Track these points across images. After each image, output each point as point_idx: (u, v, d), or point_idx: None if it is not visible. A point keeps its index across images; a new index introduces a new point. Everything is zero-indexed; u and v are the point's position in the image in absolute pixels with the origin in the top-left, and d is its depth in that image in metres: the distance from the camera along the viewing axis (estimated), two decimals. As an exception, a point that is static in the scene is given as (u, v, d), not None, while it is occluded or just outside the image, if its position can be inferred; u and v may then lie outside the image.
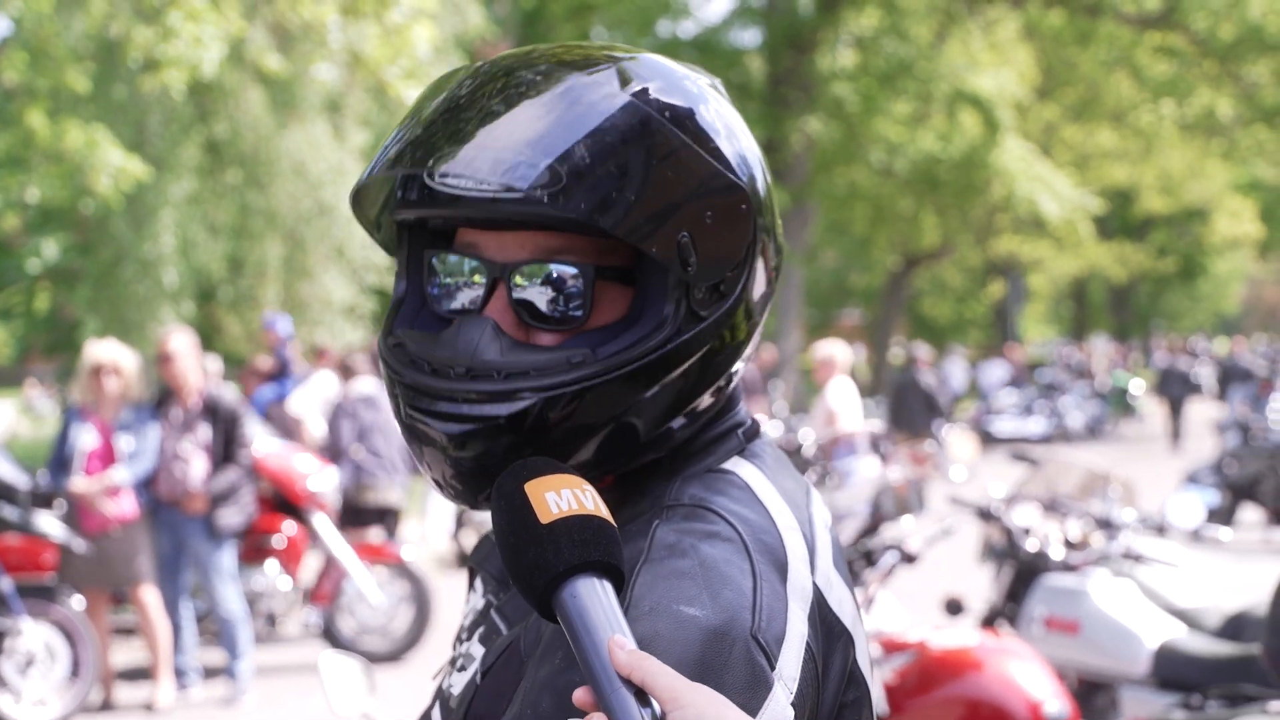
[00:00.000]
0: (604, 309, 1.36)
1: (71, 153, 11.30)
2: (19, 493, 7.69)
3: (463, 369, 1.33)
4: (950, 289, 45.09)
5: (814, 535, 1.42)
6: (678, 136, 1.33)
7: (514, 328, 1.36)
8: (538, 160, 1.27)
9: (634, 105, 1.32)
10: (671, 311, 1.34)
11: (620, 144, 1.30)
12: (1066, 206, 24.03)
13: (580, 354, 1.33)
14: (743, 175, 1.38)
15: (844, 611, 1.39)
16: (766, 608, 1.27)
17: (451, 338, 1.35)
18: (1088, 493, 6.25)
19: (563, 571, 1.16)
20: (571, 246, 1.35)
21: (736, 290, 1.39)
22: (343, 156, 17.81)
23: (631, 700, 1.09)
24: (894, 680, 4.53)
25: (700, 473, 1.41)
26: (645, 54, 1.42)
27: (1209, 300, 56.84)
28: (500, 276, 1.36)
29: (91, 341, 8.44)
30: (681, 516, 1.33)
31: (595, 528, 1.19)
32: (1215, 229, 39.17)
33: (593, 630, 1.13)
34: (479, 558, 1.56)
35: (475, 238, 1.38)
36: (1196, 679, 4.94)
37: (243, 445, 8.11)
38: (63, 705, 7.61)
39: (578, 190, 1.27)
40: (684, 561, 1.27)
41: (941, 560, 9.01)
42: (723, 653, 1.21)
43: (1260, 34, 21.87)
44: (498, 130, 1.31)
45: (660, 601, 1.23)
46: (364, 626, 8.88)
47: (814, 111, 23.09)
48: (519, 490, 1.21)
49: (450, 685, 1.42)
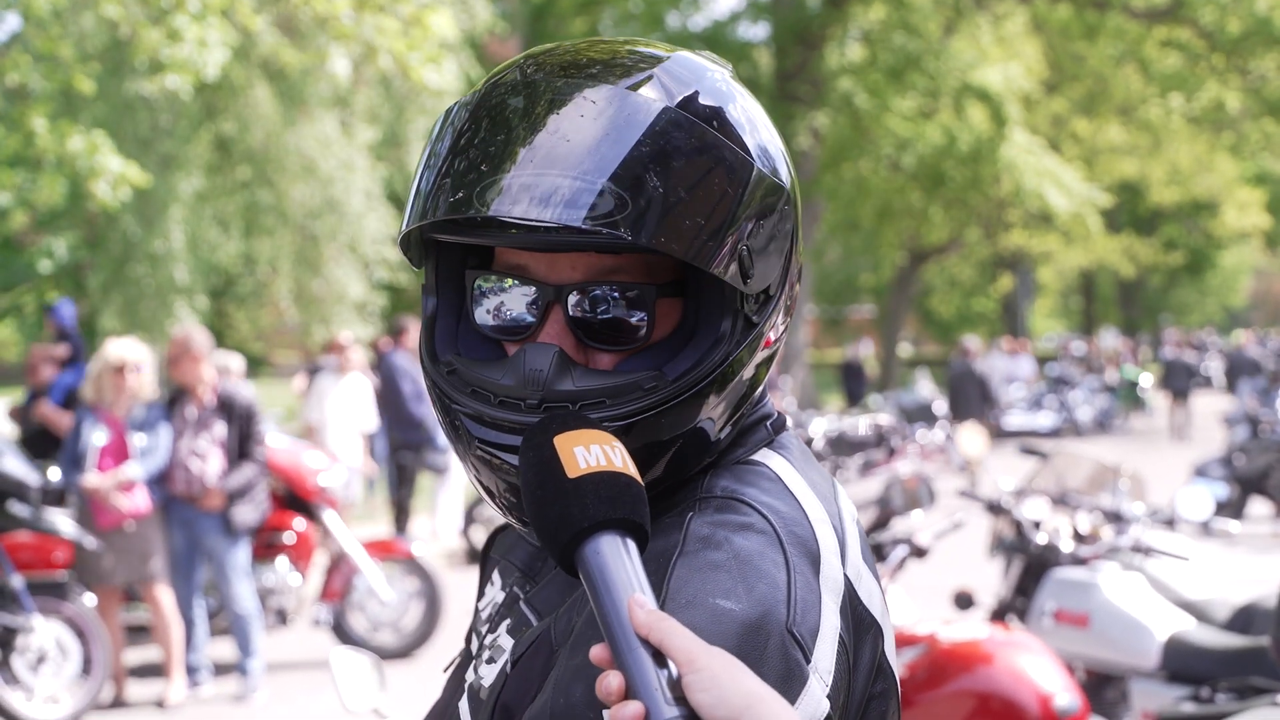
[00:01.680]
0: (660, 324, 1.36)
1: (72, 158, 11.32)
2: (30, 490, 7.71)
3: (535, 400, 1.31)
4: (959, 284, 45.04)
5: (844, 528, 1.42)
6: (729, 147, 1.32)
7: (573, 349, 1.35)
8: (596, 185, 1.25)
9: (682, 117, 1.31)
10: (729, 324, 1.34)
11: (680, 163, 1.28)
12: (1075, 200, 23.99)
13: (651, 377, 1.33)
14: (781, 175, 1.39)
15: (873, 603, 1.39)
16: (801, 600, 1.27)
17: (515, 366, 1.33)
18: (1097, 486, 6.25)
19: (587, 527, 1.15)
20: (625, 266, 1.34)
21: (782, 292, 1.40)
22: (352, 152, 17.82)
23: (648, 660, 1.08)
24: (904, 674, 4.53)
25: (730, 464, 1.41)
26: (674, 51, 1.41)
27: (1217, 294, 56.71)
28: (555, 299, 1.34)
29: (111, 340, 8.46)
30: (715, 509, 1.34)
31: (622, 485, 1.18)
32: (1224, 222, 39.07)
33: (613, 588, 1.13)
34: (503, 549, 1.56)
35: (523, 258, 1.37)
36: (1206, 671, 4.93)
37: (258, 442, 8.12)
38: (74, 702, 7.63)
39: (644, 217, 1.25)
40: (718, 554, 1.28)
41: (951, 554, 9.01)
42: (759, 646, 1.21)
43: (1268, 27, 21.84)
44: (548, 153, 1.27)
45: (696, 595, 1.24)
46: (374, 622, 8.89)
47: (822, 107, 23.07)
48: (548, 443, 1.20)
49: (480, 678, 1.42)
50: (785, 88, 23.40)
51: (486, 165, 1.29)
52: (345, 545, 8.76)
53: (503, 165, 1.28)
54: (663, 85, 1.34)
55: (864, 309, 48.97)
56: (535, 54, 1.40)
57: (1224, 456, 14.00)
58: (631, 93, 1.31)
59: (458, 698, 1.46)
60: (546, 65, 1.36)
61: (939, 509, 5.95)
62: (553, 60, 1.37)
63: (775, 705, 1.09)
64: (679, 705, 1.07)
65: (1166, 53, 24.14)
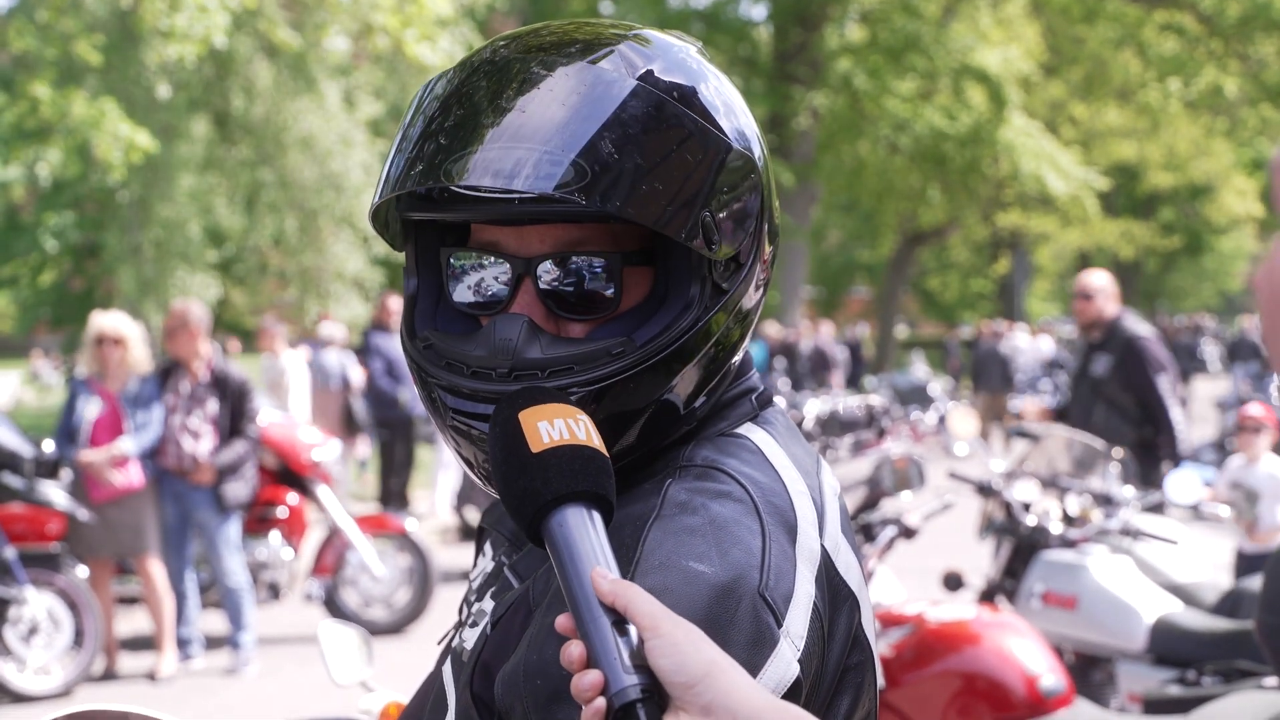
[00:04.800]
0: (629, 292, 1.38)
1: (78, 124, 11.31)
2: (24, 462, 7.72)
3: (505, 369, 1.33)
4: (956, 265, 45.03)
5: (823, 501, 1.44)
6: (690, 117, 1.35)
7: (544, 320, 1.37)
8: (561, 157, 1.28)
9: (645, 90, 1.33)
10: (698, 290, 1.36)
11: (641, 133, 1.31)
12: (1072, 183, 23.99)
13: (619, 343, 1.35)
14: (748, 145, 1.41)
15: (850, 575, 1.41)
16: (775, 567, 1.29)
17: (486, 337, 1.36)
18: (1087, 469, 6.26)
19: (551, 500, 1.18)
20: (592, 236, 1.37)
21: (751, 258, 1.42)
22: (350, 127, 17.79)
23: (609, 630, 1.11)
24: (890, 654, 4.54)
25: (713, 436, 1.43)
26: (641, 29, 1.43)
27: (1214, 279, 56.71)
28: (525, 271, 1.37)
29: (96, 312, 8.46)
30: (694, 476, 1.36)
31: (586, 458, 1.20)
32: (1221, 206, 39.08)
33: (577, 559, 1.15)
34: (492, 520, 1.58)
35: (494, 234, 1.39)
36: (1192, 654, 4.96)
37: (250, 419, 8.13)
38: (66, 674, 7.65)
39: (607, 185, 1.28)
40: (694, 519, 1.30)
41: (940, 535, 9.03)
42: (729, 609, 1.24)
43: (1267, 12, 21.82)
44: (514, 128, 1.30)
45: (670, 557, 1.26)
46: (366, 598, 8.91)
47: (821, 87, 23.04)
48: (513, 418, 1.22)
49: (463, 640, 1.44)
50: (784, 68, 23.38)
51: (455, 140, 1.32)
52: (338, 520, 8.78)
53: (471, 140, 1.31)
54: (627, 60, 1.36)
55: (861, 290, 48.98)
56: (511, 35, 1.43)
57: (1216, 441, 14.01)
58: (595, 67, 1.34)
59: (443, 663, 1.48)
60: (518, 44, 1.39)
61: (929, 490, 5.97)
62: (526, 40, 1.40)
63: (734, 674, 1.11)
64: (639, 672, 1.10)
65: (1165, 37, 24.10)
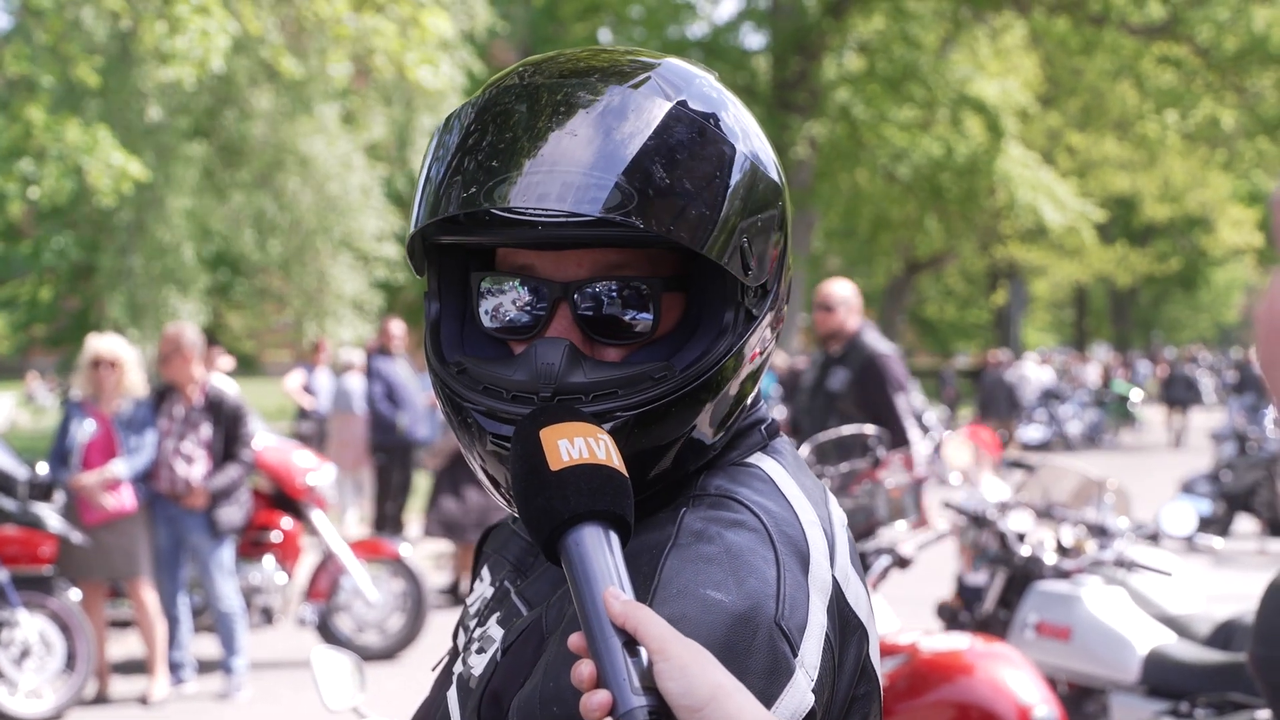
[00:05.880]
0: (664, 318, 1.39)
1: (72, 150, 11.32)
2: (17, 484, 7.70)
3: (548, 393, 1.33)
4: (954, 295, 45.09)
5: (833, 531, 1.44)
6: (725, 141, 1.35)
7: (581, 345, 1.37)
8: (606, 180, 1.28)
9: (685, 114, 1.34)
10: (732, 316, 1.37)
11: (687, 157, 1.32)
12: (1068, 215, 24.06)
13: (660, 367, 1.35)
14: (773, 173, 1.42)
15: (860, 606, 1.42)
16: (790, 597, 1.30)
17: (527, 361, 1.36)
18: (1082, 500, 6.26)
19: (568, 519, 1.18)
20: (631, 261, 1.37)
21: (776, 286, 1.43)
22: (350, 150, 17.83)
23: (619, 650, 1.12)
24: (885, 683, 4.54)
25: (725, 465, 1.44)
26: (667, 58, 1.44)
27: (1210, 310, 56.81)
28: (562, 296, 1.36)
29: (92, 335, 8.46)
30: (708, 505, 1.36)
31: (604, 477, 1.20)
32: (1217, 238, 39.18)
33: (591, 579, 1.16)
34: (496, 545, 1.58)
35: (528, 258, 1.39)
36: (1185, 686, 4.95)
37: (244, 444, 8.12)
38: (57, 697, 7.62)
39: (659, 209, 1.28)
40: (710, 548, 1.30)
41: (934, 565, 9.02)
42: (747, 637, 1.24)
43: (1264, 46, 21.89)
44: (559, 152, 1.30)
45: (687, 585, 1.26)
46: (360, 623, 8.89)
47: (819, 116, 23.10)
48: (534, 436, 1.23)
49: (470, 667, 1.43)
50: (783, 96, 23.42)
51: (498, 163, 1.32)
52: (332, 545, 8.76)
53: (515, 164, 1.31)
54: (661, 87, 1.37)
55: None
56: (531, 62, 1.43)
57: (1211, 473, 14.02)
58: (635, 91, 1.35)
59: (446, 689, 1.47)
60: (546, 71, 1.39)
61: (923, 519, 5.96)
62: (552, 67, 1.40)
63: (740, 698, 1.12)
64: (648, 694, 1.10)
65: (1163, 69, 24.18)
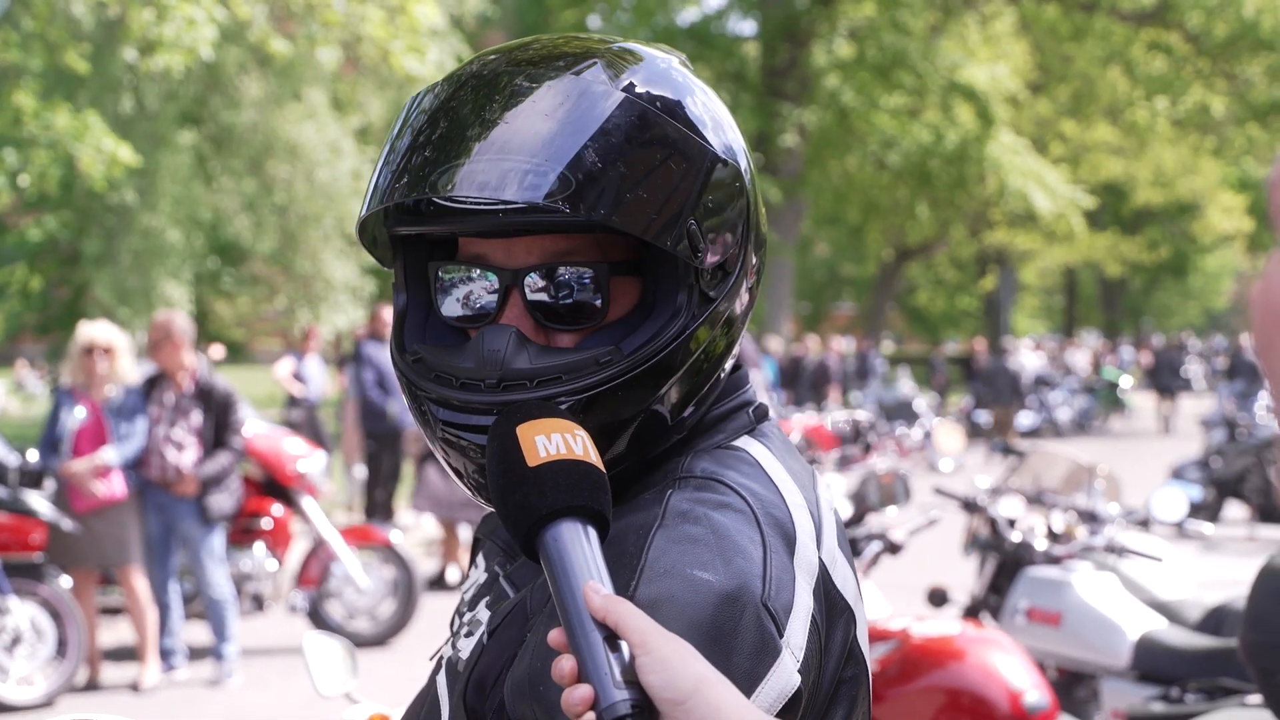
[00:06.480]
0: (617, 302, 1.39)
1: (62, 135, 11.29)
2: (8, 471, 7.69)
3: (494, 380, 1.34)
4: (943, 282, 45.12)
5: (820, 514, 1.45)
6: (675, 127, 1.36)
7: (533, 331, 1.38)
8: (548, 169, 1.29)
9: (629, 101, 1.34)
10: (685, 299, 1.37)
11: (626, 143, 1.32)
12: (1058, 202, 24.08)
13: (607, 352, 1.36)
14: (732, 153, 1.41)
15: (847, 589, 1.42)
16: (775, 578, 1.30)
17: (475, 348, 1.37)
18: (1073, 486, 6.27)
19: (546, 514, 1.18)
20: (579, 247, 1.37)
21: (738, 266, 1.43)
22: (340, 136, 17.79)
23: (600, 644, 1.12)
24: (875, 669, 4.55)
25: (711, 448, 1.44)
26: (625, 43, 1.44)
27: (1199, 297, 56.88)
28: (513, 283, 1.38)
29: (84, 322, 8.44)
30: (694, 487, 1.37)
31: (582, 473, 1.21)
32: (1207, 225, 39.25)
33: (570, 574, 1.16)
34: (487, 530, 1.59)
35: (481, 247, 1.40)
36: (1176, 671, 4.96)
37: (234, 431, 8.11)
38: (48, 684, 7.62)
39: (593, 195, 1.29)
40: (697, 528, 1.31)
41: (926, 551, 9.04)
42: (734, 617, 1.25)
43: (1254, 32, 21.93)
44: (501, 141, 1.31)
45: (674, 565, 1.27)
46: (351, 610, 8.88)
47: (809, 103, 23.09)
48: (510, 432, 1.23)
49: (458, 651, 1.44)
50: (772, 84, 23.42)
51: (441, 153, 1.33)
52: (323, 532, 8.76)
53: (458, 152, 1.32)
54: (611, 72, 1.37)
55: (847, 306, 49.04)
56: (499, 49, 1.45)
57: (1201, 459, 14.06)
58: (580, 79, 1.35)
59: (437, 674, 1.48)
60: (505, 58, 1.41)
61: (914, 505, 5.97)
62: (514, 54, 1.41)
63: (723, 689, 1.12)
64: (630, 688, 1.10)
65: (1153, 56, 24.23)
